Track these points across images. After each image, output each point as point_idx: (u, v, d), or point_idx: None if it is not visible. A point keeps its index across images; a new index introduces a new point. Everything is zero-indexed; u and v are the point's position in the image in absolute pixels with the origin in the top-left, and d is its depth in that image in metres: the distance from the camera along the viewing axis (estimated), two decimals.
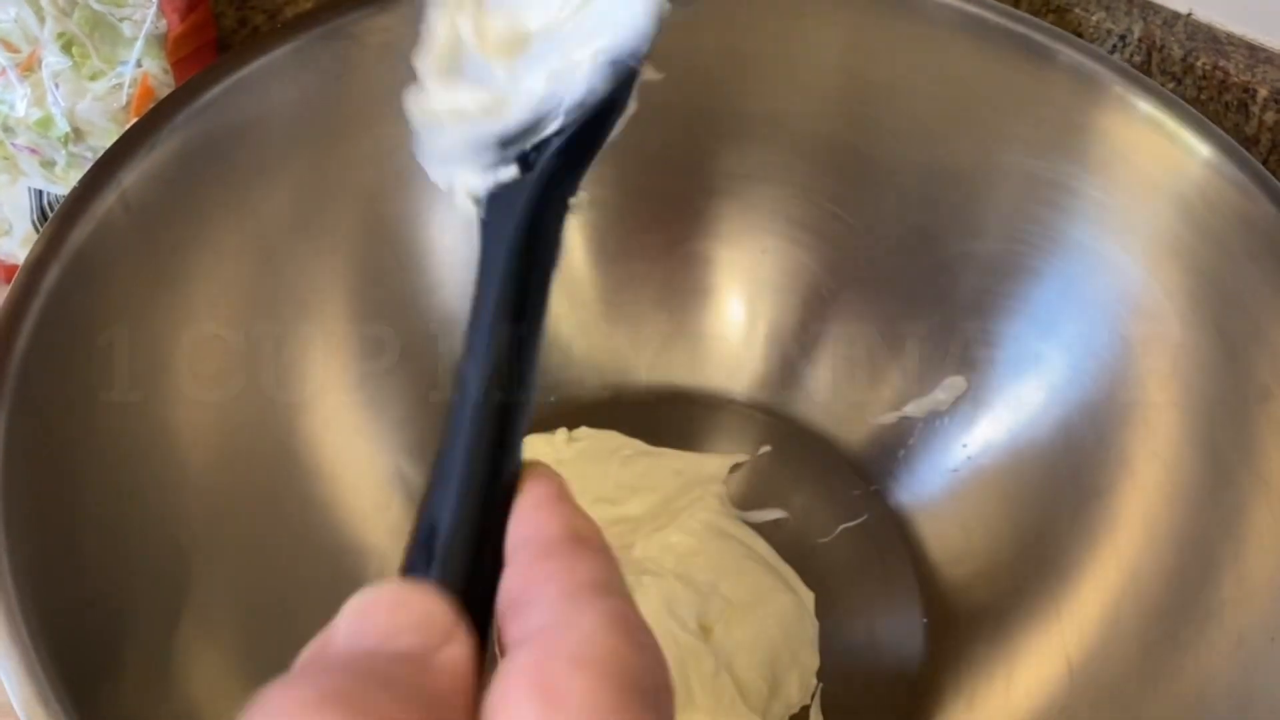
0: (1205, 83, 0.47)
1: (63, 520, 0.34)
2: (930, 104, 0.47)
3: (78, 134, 0.48)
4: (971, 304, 0.48)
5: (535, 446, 0.48)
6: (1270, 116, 0.46)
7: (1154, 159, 0.42)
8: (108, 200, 0.37)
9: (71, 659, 0.30)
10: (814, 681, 0.43)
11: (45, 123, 0.45)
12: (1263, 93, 0.45)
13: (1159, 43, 0.47)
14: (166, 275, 0.39)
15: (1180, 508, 0.40)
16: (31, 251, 0.35)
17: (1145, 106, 0.42)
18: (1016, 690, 0.42)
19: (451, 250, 0.49)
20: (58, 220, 0.36)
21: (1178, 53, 0.46)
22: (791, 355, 0.51)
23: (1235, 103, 0.46)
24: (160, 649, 0.36)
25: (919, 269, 0.49)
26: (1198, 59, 0.46)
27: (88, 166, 0.52)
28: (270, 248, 0.44)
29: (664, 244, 0.51)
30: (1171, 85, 0.48)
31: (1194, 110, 0.41)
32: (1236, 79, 0.46)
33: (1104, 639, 0.41)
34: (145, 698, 0.34)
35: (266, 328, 0.44)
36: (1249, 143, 0.48)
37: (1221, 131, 0.40)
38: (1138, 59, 0.48)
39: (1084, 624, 0.41)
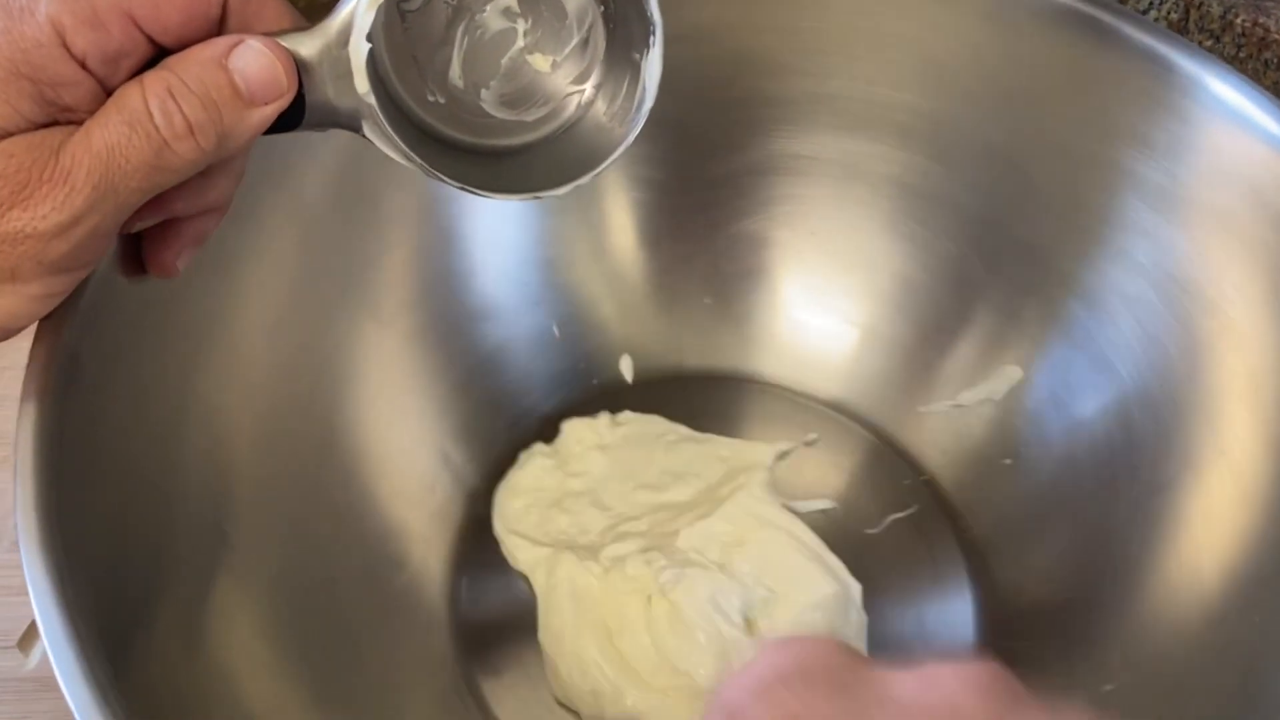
0: (1244, 40, 0.45)
1: (110, 494, 0.34)
2: (992, 85, 0.46)
3: None
4: (1029, 290, 0.46)
5: (578, 431, 0.48)
6: None
7: (1225, 146, 0.40)
8: None
9: (108, 615, 0.30)
10: None
11: None
12: None
13: (1197, 0, 0.45)
14: (212, 255, 0.38)
15: (1246, 508, 0.39)
16: None
17: (1218, 90, 0.40)
18: (1073, 687, 0.41)
19: (493, 231, 0.48)
20: None
21: (1216, 10, 0.45)
22: (841, 340, 0.50)
23: (1275, 60, 0.44)
24: (196, 617, 0.36)
25: (976, 253, 0.47)
26: (1237, 16, 0.45)
27: None
28: (314, 227, 0.43)
29: (713, 224, 0.50)
30: (1210, 43, 0.46)
31: (1271, 96, 0.39)
32: (1277, 35, 0.44)
33: (1164, 639, 0.40)
34: (177, 657, 0.34)
35: (310, 307, 0.44)
36: None
37: None
38: (1175, 16, 0.46)
39: (1143, 623, 0.40)
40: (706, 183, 0.49)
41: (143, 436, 0.36)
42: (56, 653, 0.28)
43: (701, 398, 0.50)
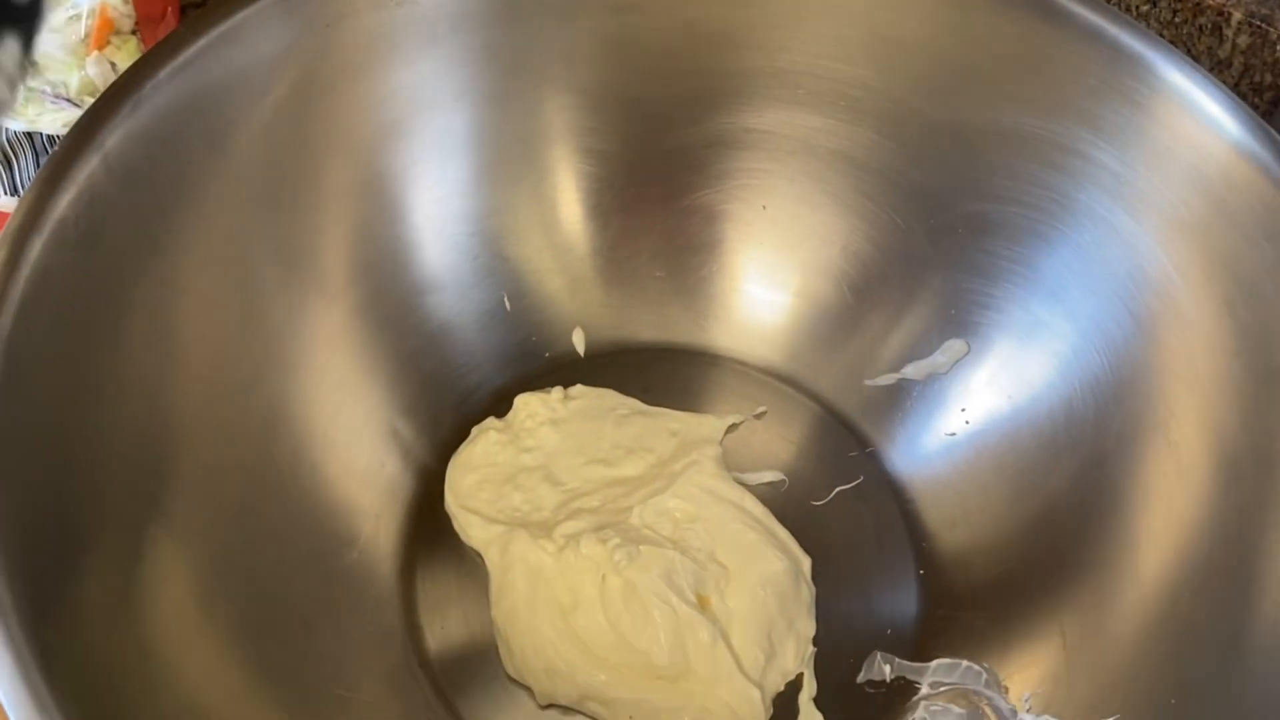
0: (1180, 5, 0.46)
1: (49, 474, 0.33)
2: (939, 59, 0.45)
3: (35, 67, 0.46)
4: (975, 266, 0.47)
5: (530, 405, 0.48)
6: (1243, 40, 0.45)
7: (1172, 130, 0.41)
8: (90, 164, 0.35)
9: (34, 583, 0.30)
10: (810, 648, 0.43)
11: None
12: (1237, 16, 0.44)
13: None
14: (153, 239, 0.37)
15: (1182, 486, 0.40)
16: (12, 221, 0.33)
17: (1167, 74, 0.41)
18: (1010, 660, 0.42)
19: (440, 203, 0.47)
20: (38, 187, 0.34)
21: None
22: (790, 313, 0.50)
23: (1209, 26, 0.45)
24: (133, 592, 0.35)
25: (923, 228, 0.48)
26: None
27: (46, 101, 0.50)
28: (255, 203, 0.42)
29: (665, 198, 0.50)
30: (1146, 8, 0.47)
31: (1220, 83, 0.40)
32: (1211, 2, 0.45)
33: (1099, 614, 0.41)
34: (111, 631, 0.34)
35: (254, 284, 0.43)
36: (1221, 66, 0.47)
37: (1248, 108, 0.39)
38: None
39: (1079, 598, 0.42)
40: (659, 156, 0.49)
41: (82, 425, 0.35)
42: None
43: (653, 371, 0.50)
